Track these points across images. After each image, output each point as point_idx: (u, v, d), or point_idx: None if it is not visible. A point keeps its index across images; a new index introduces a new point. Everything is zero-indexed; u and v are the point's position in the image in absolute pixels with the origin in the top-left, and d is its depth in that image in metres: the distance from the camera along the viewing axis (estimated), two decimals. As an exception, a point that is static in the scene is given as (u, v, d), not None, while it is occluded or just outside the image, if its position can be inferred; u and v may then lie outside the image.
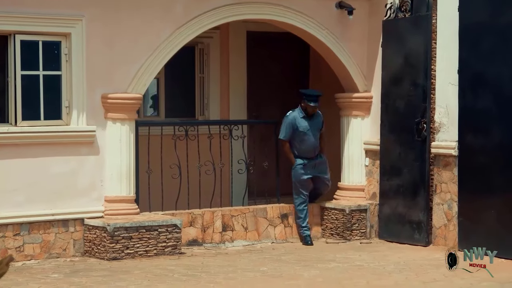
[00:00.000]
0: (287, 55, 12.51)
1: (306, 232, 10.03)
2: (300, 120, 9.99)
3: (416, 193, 9.79)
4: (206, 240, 9.66)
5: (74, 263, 8.58)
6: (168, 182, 9.76)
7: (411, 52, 9.91)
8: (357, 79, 10.60)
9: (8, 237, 8.55)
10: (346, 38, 10.48)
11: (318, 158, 10.12)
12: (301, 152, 10.02)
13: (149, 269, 8.14)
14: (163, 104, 11.69)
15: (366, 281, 7.59)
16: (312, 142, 10.03)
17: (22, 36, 8.66)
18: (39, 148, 8.74)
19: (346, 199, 10.61)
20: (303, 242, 9.99)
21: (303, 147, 10.01)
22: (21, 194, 8.62)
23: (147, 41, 9.24)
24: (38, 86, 8.77)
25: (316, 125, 10.07)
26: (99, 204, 9.04)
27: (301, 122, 9.98)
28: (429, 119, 9.67)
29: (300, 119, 9.99)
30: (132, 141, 9.19)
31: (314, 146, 10.04)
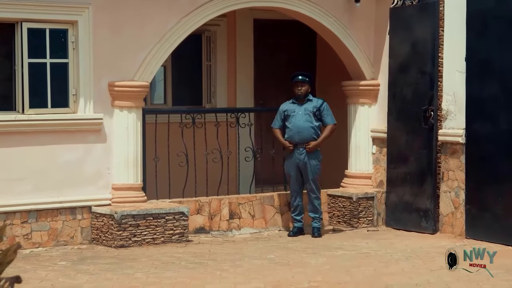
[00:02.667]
0: (294, 42, 12.49)
1: (295, 223, 9.66)
2: (289, 105, 9.62)
3: (423, 180, 9.78)
4: (213, 228, 9.68)
5: (81, 251, 8.60)
6: (175, 170, 9.77)
7: (418, 40, 9.89)
8: (364, 66, 10.58)
9: (16, 225, 8.58)
10: (353, 26, 10.45)
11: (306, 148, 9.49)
12: (289, 136, 9.53)
13: (156, 257, 8.16)
14: (170, 92, 11.70)
15: (373, 269, 7.60)
16: (298, 125, 9.45)
17: (29, 24, 8.66)
18: (47, 136, 8.75)
19: (353, 187, 10.61)
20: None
21: (288, 131, 9.53)
22: (29, 182, 8.65)
23: (154, 29, 9.23)
24: (45, 74, 8.77)
25: (307, 110, 9.49)
26: (107, 192, 9.06)
27: (289, 106, 9.60)
28: (436, 107, 9.65)
29: (289, 104, 9.63)
30: (139, 129, 9.19)
31: (300, 130, 9.44)
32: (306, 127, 9.44)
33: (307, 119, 9.46)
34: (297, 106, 9.54)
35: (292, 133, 9.47)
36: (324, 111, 9.55)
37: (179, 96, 11.70)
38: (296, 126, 9.46)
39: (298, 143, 9.44)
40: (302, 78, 9.56)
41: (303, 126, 9.44)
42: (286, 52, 12.47)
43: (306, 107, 9.50)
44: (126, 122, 9.10)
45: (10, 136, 8.57)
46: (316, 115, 9.51)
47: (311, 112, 9.47)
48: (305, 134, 9.44)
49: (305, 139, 9.44)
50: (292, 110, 9.53)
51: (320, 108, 9.52)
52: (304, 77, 9.58)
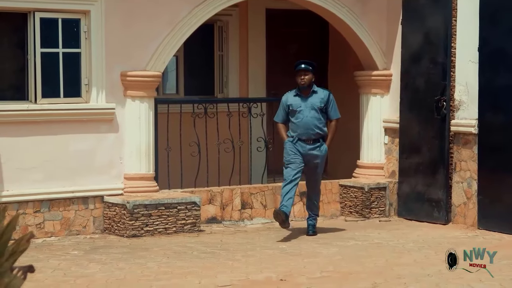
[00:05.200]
0: (306, 32, 12.46)
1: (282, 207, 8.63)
2: (292, 98, 8.87)
3: (435, 171, 9.75)
4: (225, 218, 9.69)
5: (93, 240, 8.63)
6: (187, 160, 9.78)
7: (431, 30, 9.85)
8: (376, 56, 10.55)
9: (29, 214, 8.61)
10: (365, 16, 10.41)
11: (316, 144, 8.82)
12: (295, 135, 8.80)
13: (168, 247, 8.18)
14: (182, 82, 11.70)
15: (385, 259, 7.59)
16: (305, 122, 8.75)
17: (42, 13, 8.67)
18: (59, 126, 8.77)
19: (365, 177, 10.59)
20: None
21: (295, 128, 8.80)
22: (41, 171, 8.67)
23: (166, 18, 9.23)
24: (57, 64, 8.79)
25: (313, 104, 8.79)
26: (119, 182, 9.08)
27: (293, 100, 8.85)
28: (449, 97, 9.62)
29: (293, 98, 8.87)
30: (151, 118, 9.20)
31: (309, 127, 8.75)
32: (313, 125, 8.77)
33: (315, 116, 8.78)
34: (303, 100, 8.82)
35: (299, 130, 8.76)
36: (330, 104, 8.89)
37: (191, 86, 11.70)
38: (304, 123, 8.76)
39: (305, 140, 8.78)
40: (305, 66, 8.84)
41: (311, 123, 8.76)
42: (298, 42, 12.44)
43: (313, 102, 8.79)
44: (138, 112, 9.11)
45: (22, 126, 8.59)
46: (322, 110, 8.83)
47: (318, 108, 8.78)
48: (313, 132, 8.78)
49: (312, 136, 8.79)
50: (297, 105, 8.80)
51: (327, 101, 8.86)
52: (307, 66, 8.85)
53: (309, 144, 8.77)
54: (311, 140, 8.79)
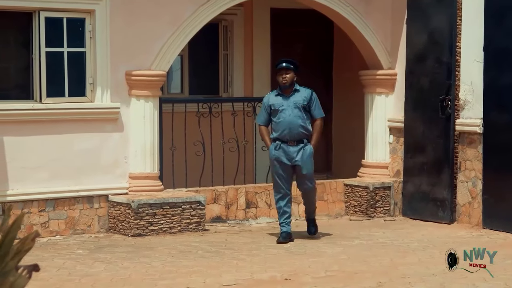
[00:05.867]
0: (311, 32, 12.45)
1: (282, 227, 8.51)
2: (274, 98, 8.49)
3: (440, 170, 9.74)
4: (229, 217, 9.69)
5: (98, 239, 8.64)
6: (192, 159, 9.78)
7: (435, 29, 9.83)
8: (381, 56, 10.54)
9: (34, 213, 8.63)
10: (370, 15, 10.41)
11: (299, 145, 8.37)
12: (278, 135, 8.39)
13: (173, 246, 8.18)
14: (187, 81, 11.70)
15: (390, 259, 7.58)
16: (288, 122, 8.33)
17: (47, 13, 8.68)
18: (64, 125, 8.79)
19: (370, 177, 10.58)
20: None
21: (277, 128, 8.40)
22: (46, 170, 8.68)
23: (171, 18, 9.23)
24: (62, 63, 8.80)
25: (295, 102, 8.39)
26: (123, 181, 9.09)
27: (274, 100, 8.47)
28: (454, 96, 9.61)
29: (274, 97, 8.50)
30: (156, 118, 9.21)
31: (291, 127, 8.33)
32: (297, 124, 8.35)
33: (297, 114, 8.36)
34: (284, 99, 8.42)
35: (281, 130, 8.34)
36: (313, 103, 8.47)
37: (196, 85, 11.70)
38: (287, 123, 8.33)
39: (288, 140, 8.36)
40: (287, 65, 8.43)
41: (294, 122, 8.34)
42: (303, 41, 12.43)
43: (295, 100, 8.40)
44: (143, 111, 9.11)
45: (27, 125, 8.60)
46: (305, 108, 8.42)
47: (301, 106, 8.38)
48: (297, 131, 8.35)
49: (296, 136, 8.36)
50: (279, 104, 8.41)
51: (310, 99, 8.44)
52: (289, 64, 8.45)
53: (292, 145, 8.34)
54: (294, 141, 8.35)
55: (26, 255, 2.72)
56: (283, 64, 8.48)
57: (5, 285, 2.55)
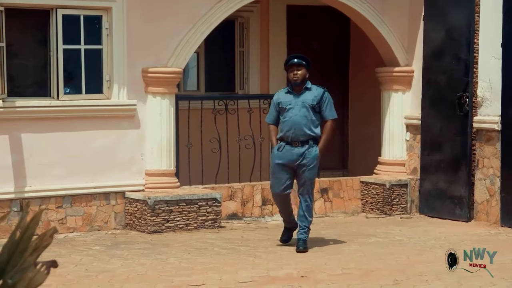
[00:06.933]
0: (327, 28, 12.43)
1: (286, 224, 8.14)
2: (284, 95, 7.98)
3: (457, 168, 9.70)
4: (245, 214, 9.69)
5: (115, 236, 8.66)
6: (208, 156, 9.79)
7: (453, 25, 9.79)
8: (398, 53, 10.50)
9: (51, 210, 8.66)
10: (387, 12, 10.37)
11: (304, 146, 7.82)
12: (282, 134, 7.90)
13: (189, 243, 8.19)
14: (203, 78, 11.71)
15: (406, 256, 7.56)
16: (293, 121, 7.80)
17: (64, 10, 8.71)
18: (81, 122, 8.81)
19: (386, 174, 10.55)
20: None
21: (282, 127, 7.90)
22: (63, 167, 8.71)
23: (187, 15, 9.23)
24: (79, 60, 8.82)
25: (304, 102, 7.86)
26: (140, 178, 9.10)
27: (284, 97, 7.96)
28: (471, 94, 9.56)
29: (284, 94, 7.99)
30: (172, 115, 9.22)
31: (297, 126, 7.79)
32: (303, 124, 7.81)
33: (305, 114, 7.83)
34: (294, 98, 7.91)
35: (286, 130, 7.85)
36: (325, 103, 7.90)
37: (212, 82, 11.71)
38: (292, 122, 7.82)
39: (292, 141, 7.84)
40: (298, 61, 7.92)
41: (300, 122, 7.81)
42: (319, 38, 12.41)
43: (305, 99, 7.87)
44: (159, 108, 9.12)
45: (45, 122, 8.64)
46: (315, 109, 7.87)
47: (310, 106, 7.84)
48: (302, 132, 7.81)
49: (300, 137, 7.82)
50: (287, 102, 7.90)
51: (321, 99, 7.88)
52: (301, 60, 7.94)
53: (296, 146, 7.79)
54: (298, 142, 7.80)
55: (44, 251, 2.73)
56: (295, 60, 7.97)
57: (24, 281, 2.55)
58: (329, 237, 8.62)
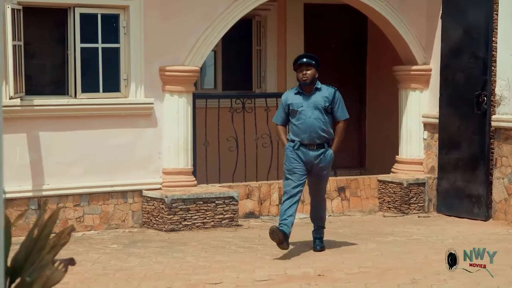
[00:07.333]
0: (344, 27, 12.40)
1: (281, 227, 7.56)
2: (293, 96, 7.74)
3: (475, 167, 9.65)
4: (263, 213, 9.69)
5: (132, 234, 8.68)
6: (225, 155, 9.79)
7: (471, 24, 9.74)
8: (415, 51, 10.46)
9: (69, 208, 8.69)
10: (404, 10, 10.33)
11: (320, 149, 7.65)
12: (297, 137, 7.66)
13: (206, 241, 8.20)
14: (220, 77, 11.71)
15: (424, 255, 7.53)
16: (307, 125, 7.59)
17: (82, 9, 8.74)
18: (98, 120, 8.84)
19: (404, 173, 10.52)
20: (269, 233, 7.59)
21: (296, 131, 7.67)
22: (81, 165, 8.74)
23: (205, 13, 9.24)
24: (97, 59, 8.85)
25: (316, 103, 7.65)
26: (157, 176, 9.12)
27: (293, 98, 7.73)
28: (490, 92, 9.51)
29: (293, 96, 7.75)
30: (189, 113, 9.23)
31: (312, 129, 7.60)
32: (317, 127, 7.62)
33: (319, 116, 7.62)
34: (305, 99, 7.68)
35: (302, 134, 7.63)
36: (337, 103, 7.71)
37: (229, 81, 11.71)
38: (307, 125, 7.61)
39: (308, 144, 7.64)
40: (307, 60, 7.72)
41: (314, 125, 7.61)
42: (336, 36, 12.39)
43: (316, 100, 7.66)
44: (176, 106, 9.14)
45: (63, 120, 8.67)
46: (327, 110, 7.68)
47: (322, 107, 7.64)
48: (317, 135, 7.63)
49: (316, 140, 7.63)
50: (299, 104, 7.67)
51: (332, 100, 7.69)
52: (310, 59, 7.74)
53: (312, 149, 7.61)
54: (314, 145, 7.62)
55: (61, 249, 2.74)
56: (304, 59, 7.76)
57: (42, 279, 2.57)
58: (346, 236, 8.60)
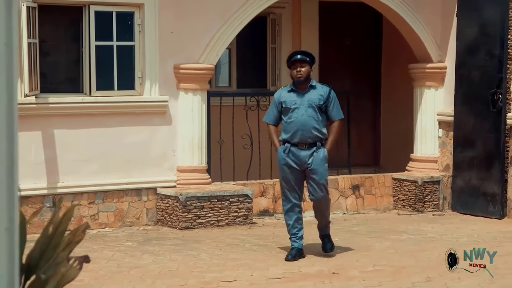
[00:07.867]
0: (359, 25, 12.37)
1: (293, 242, 7.46)
2: (286, 94, 7.45)
3: (490, 165, 9.62)
4: (277, 211, 9.68)
5: (147, 232, 8.70)
6: (240, 153, 9.80)
7: (486, 22, 9.70)
8: (431, 49, 10.43)
9: (83, 205, 8.72)
10: (419, 8, 10.30)
11: (311, 149, 7.33)
12: (288, 136, 7.37)
13: (220, 239, 8.20)
14: (235, 75, 11.71)
15: (438, 253, 7.51)
16: (300, 122, 7.30)
17: (97, 7, 8.76)
18: (113, 118, 8.86)
19: (418, 171, 10.49)
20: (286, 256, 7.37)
21: (288, 128, 7.36)
22: (96, 163, 8.77)
23: (219, 11, 9.24)
24: (112, 57, 8.87)
25: (310, 101, 7.35)
26: (172, 174, 9.13)
27: (287, 96, 7.44)
28: (505, 90, 9.47)
29: (286, 93, 7.45)
30: (204, 111, 9.24)
31: (303, 128, 7.30)
32: (310, 125, 7.33)
33: (312, 115, 7.33)
34: (299, 97, 7.39)
35: (292, 132, 7.34)
36: (332, 102, 7.43)
37: (244, 78, 11.71)
38: (299, 123, 7.31)
39: (299, 143, 7.35)
40: (302, 57, 7.44)
41: (307, 123, 7.32)
42: (351, 34, 12.36)
43: (311, 99, 7.37)
44: (191, 104, 9.15)
45: (77, 118, 8.69)
46: (321, 108, 7.40)
47: (316, 106, 7.36)
48: (310, 134, 7.33)
49: (308, 139, 7.33)
50: (292, 101, 7.39)
51: (327, 98, 7.41)
52: (304, 56, 7.46)
53: (303, 149, 7.31)
54: (306, 144, 7.32)
55: (76, 246, 2.75)
56: (298, 56, 7.48)
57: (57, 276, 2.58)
58: (361, 234, 8.59)
